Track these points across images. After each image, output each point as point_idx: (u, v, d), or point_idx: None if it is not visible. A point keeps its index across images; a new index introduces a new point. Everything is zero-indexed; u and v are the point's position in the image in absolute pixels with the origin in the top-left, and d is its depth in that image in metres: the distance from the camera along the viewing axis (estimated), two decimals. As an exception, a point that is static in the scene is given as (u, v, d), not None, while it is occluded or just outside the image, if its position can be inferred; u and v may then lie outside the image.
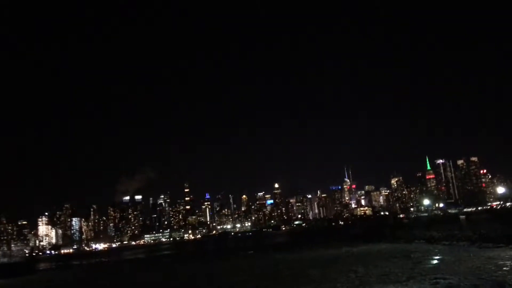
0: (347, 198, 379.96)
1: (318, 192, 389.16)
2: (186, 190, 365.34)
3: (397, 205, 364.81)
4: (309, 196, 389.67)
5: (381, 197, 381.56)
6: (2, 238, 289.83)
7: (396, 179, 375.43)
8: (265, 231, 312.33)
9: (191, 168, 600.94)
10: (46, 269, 79.27)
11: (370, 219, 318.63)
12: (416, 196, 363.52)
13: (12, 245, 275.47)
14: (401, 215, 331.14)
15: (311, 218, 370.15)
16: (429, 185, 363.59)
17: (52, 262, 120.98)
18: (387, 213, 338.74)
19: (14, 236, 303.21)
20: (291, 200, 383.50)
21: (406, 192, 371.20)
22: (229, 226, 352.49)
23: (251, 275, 30.87)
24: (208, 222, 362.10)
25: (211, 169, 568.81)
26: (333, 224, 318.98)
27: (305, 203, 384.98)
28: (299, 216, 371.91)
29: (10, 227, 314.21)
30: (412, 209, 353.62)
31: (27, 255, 67.22)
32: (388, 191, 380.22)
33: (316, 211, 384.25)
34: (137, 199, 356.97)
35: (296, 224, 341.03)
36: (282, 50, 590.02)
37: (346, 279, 23.96)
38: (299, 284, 23.63)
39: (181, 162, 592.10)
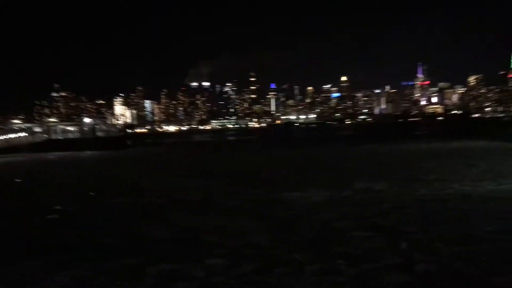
0: (417, 95, 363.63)
1: (387, 88, 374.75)
2: (252, 79, 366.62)
3: (471, 104, 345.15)
4: (378, 91, 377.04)
5: (455, 95, 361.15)
6: (82, 115, 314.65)
7: (475, 77, 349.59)
8: (328, 124, 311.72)
9: (257, 57, 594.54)
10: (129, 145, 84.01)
11: (440, 117, 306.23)
12: (495, 96, 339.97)
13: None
14: (475, 115, 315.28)
15: (376, 113, 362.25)
16: (510, 85, 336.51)
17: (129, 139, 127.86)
18: (458, 112, 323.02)
19: (94, 114, 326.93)
20: (357, 94, 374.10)
21: (484, 91, 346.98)
22: (293, 117, 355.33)
23: (357, 163, 29.50)
24: (273, 112, 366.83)
25: (278, 60, 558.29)
26: (400, 120, 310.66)
27: (372, 98, 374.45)
28: (365, 111, 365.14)
29: (89, 105, 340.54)
30: (487, 109, 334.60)
31: (121, 132, 71.03)
32: (464, 89, 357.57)
33: (383, 106, 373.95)
34: (205, 85, 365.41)
35: (361, 119, 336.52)
36: None
37: (470, 172, 21.62)
38: (422, 173, 21.72)
39: (246, 50, 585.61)
